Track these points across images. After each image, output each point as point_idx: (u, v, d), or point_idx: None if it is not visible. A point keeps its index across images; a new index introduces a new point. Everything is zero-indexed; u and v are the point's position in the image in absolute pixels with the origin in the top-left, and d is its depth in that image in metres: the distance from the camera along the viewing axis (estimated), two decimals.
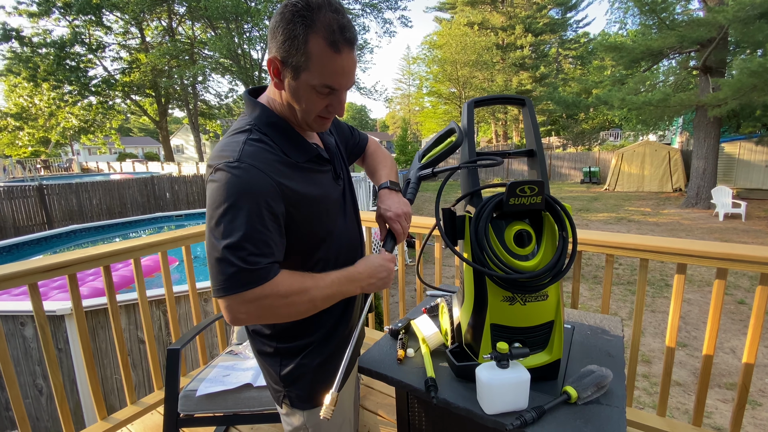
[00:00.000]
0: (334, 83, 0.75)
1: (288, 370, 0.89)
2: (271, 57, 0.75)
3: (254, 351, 0.94)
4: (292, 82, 0.76)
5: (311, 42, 0.70)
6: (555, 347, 0.99)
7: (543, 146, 1.11)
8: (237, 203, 0.70)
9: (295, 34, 0.70)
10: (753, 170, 12.36)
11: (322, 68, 0.72)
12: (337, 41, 0.71)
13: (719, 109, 9.48)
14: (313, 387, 0.91)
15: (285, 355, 0.89)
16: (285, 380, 0.89)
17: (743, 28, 8.84)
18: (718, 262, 1.38)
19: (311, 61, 0.72)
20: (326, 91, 0.76)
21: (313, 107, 0.78)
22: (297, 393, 0.90)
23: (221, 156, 0.74)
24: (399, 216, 0.95)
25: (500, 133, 31.91)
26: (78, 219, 10.29)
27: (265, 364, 0.92)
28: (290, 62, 0.73)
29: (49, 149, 30.21)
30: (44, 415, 2.57)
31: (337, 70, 0.74)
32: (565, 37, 31.93)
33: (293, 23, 0.70)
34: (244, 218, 0.69)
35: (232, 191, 0.70)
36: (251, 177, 0.71)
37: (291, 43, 0.71)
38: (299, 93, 0.77)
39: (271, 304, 0.72)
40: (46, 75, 19.68)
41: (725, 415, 2.90)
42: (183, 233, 1.97)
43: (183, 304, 2.79)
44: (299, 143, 0.83)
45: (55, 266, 1.49)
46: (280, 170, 0.76)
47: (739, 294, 5.15)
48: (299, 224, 0.80)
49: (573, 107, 13.55)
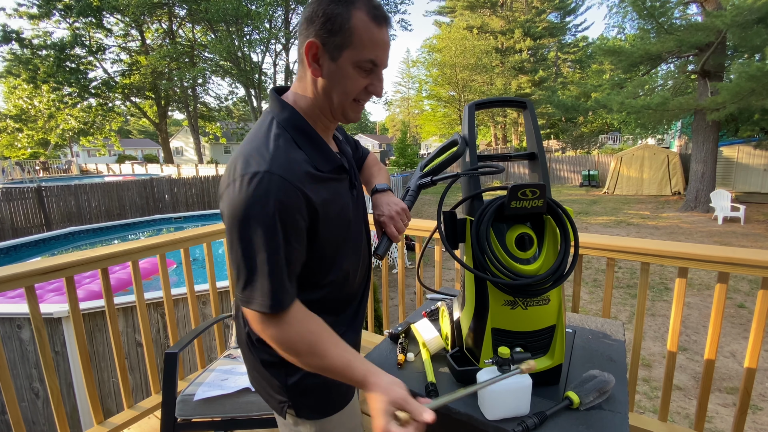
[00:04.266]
0: (378, 57, 0.76)
1: (295, 380, 0.84)
2: (310, 41, 0.74)
3: (252, 361, 0.88)
4: (331, 64, 0.75)
5: (354, 17, 0.72)
6: (557, 352, 0.98)
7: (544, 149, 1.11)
8: (264, 217, 0.67)
9: (337, 12, 0.71)
10: (751, 174, 12.39)
11: (366, 42, 0.73)
12: (378, 15, 0.74)
13: (718, 113, 9.51)
14: (325, 397, 0.88)
15: (291, 364, 0.83)
16: (291, 390, 0.85)
17: (741, 33, 8.88)
18: (720, 266, 1.37)
19: (355, 35, 0.73)
20: (369, 67, 0.76)
21: (353, 87, 0.78)
22: (306, 403, 0.86)
23: (251, 160, 0.71)
24: (392, 218, 0.95)
25: (499, 137, 31.99)
26: (76, 221, 10.26)
27: (267, 374, 0.87)
28: (331, 42, 0.73)
29: (48, 151, 30.21)
30: (40, 419, 2.55)
31: (380, 43, 0.75)
32: (564, 41, 32.08)
33: (334, 3, 0.72)
34: (270, 235, 0.68)
35: (260, 203, 0.67)
36: (280, 190, 0.69)
37: (333, 22, 0.72)
38: (339, 74, 0.76)
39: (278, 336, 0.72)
40: (46, 77, 19.71)
41: (726, 420, 2.88)
42: (182, 235, 1.96)
43: (181, 307, 2.77)
44: (325, 152, 0.82)
45: (53, 268, 1.48)
46: (308, 182, 0.75)
47: (739, 298, 5.14)
48: (320, 235, 0.79)
49: (572, 111, 13.59)
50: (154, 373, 1.91)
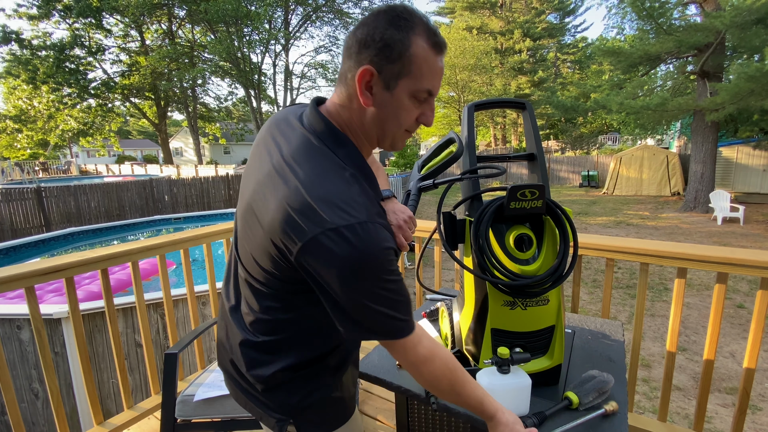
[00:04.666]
0: (434, 86, 0.72)
1: (298, 399, 0.82)
2: (365, 68, 0.68)
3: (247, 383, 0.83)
4: (385, 93, 0.70)
5: (414, 44, 0.67)
6: (556, 352, 0.98)
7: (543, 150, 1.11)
8: (384, 258, 0.66)
9: (397, 38, 0.67)
10: (751, 174, 12.41)
11: (425, 71, 0.69)
12: (438, 43, 0.70)
13: (717, 114, 9.52)
14: (328, 413, 0.86)
15: (294, 381, 0.82)
16: (294, 408, 0.82)
17: (740, 33, 8.90)
18: (719, 266, 1.38)
19: (414, 64, 0.68)
20: (424, 97, 0.72)
21: (406, 119, 0.74)
22: (310, 419, 0.84)
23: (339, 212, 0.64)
24: (400, 228, 0.93)
25: (499, 137, 32.00)
26: (76, 221, 10.25)
27: (267, 395, 0.82)
28: (388, 70, 0.68)
29: (48, 152, 30.20)
30: (40, 420, 2.55)
31: (437, 73, 0.72)
32: (564, 42, 32.12)
33: (393, 28, 0.67)
34: (393, 270, 0.69)
35: (376, 248, 0.65)
36: (382, 237, 0.67)
37: (391, 48, 0.67)
38: (394, 104, 0.71)
39: (417, 355, 0.74)
40: (46, 77, 19.71)
41: (725, 420, 2.89)
42: (181, 236, 1.96)
43: (181, 308, 2.77)
44: (377, 187, 0.80)
45: (53, 269, 1.48)
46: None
47: (738, 298, 5.15)
48: None
49: (571, 111, 13.61)
50: (154, 374, 1.91)
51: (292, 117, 0.79)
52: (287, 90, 23.35)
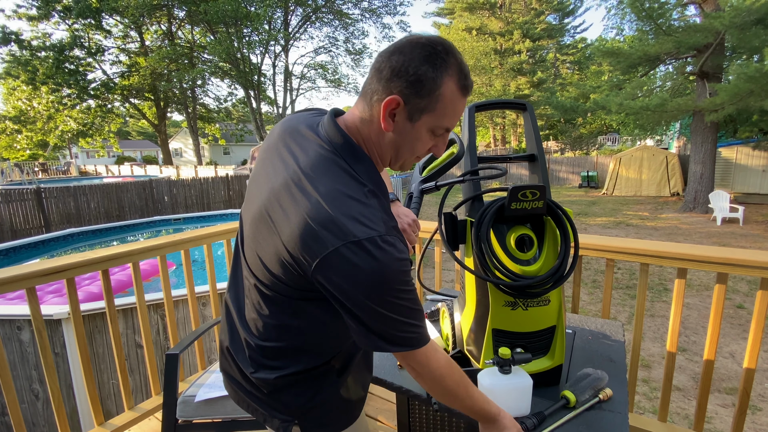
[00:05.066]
0: (453, 124, 0.75)
1: (305, 400, 0.82)
2: (392, 98, 0.69)
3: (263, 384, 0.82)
4: (407, 123, 0.72)
5: (445, 85, 0.69)
6: (557, 352, 0.98)
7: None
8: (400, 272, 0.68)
9: (430, 76, 0.68)
10: (750, 175, 12.42)
11: (448, 111, 0.72)
12: (466, 86, 0.72)
13: (716, 114, 9.53)
14: (334, 414, 0.86)
15: (305, 382, 0.83)
16: (300, 409, 0.83)
17: (740, 34, 8.91)
18: (719, 266, 1.38)
19: (440, 103, 0.70)
20: (441, 132, 0.75)
21: (420, 149, 0.77)
22: (316, 421, 0.85)
23: (357, 226, 0.65)
24: (405, 231, 0.95)
25: (498, 138, 32.02)
26: (76, 222, 10.24)
27: (274, 396, 0.83)
28: (414, 103, 0.70)
29: (48, 152, 30.17)
30: (41, 421, 2.54)
31: (459, 112, 0.74)
32: (563, 43, 32.13)
33: (428, 64, 0.68)
34: (408, 282, 0.70)
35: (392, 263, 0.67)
36: (401, 247, 0.70)
37: (422, 85, 0.68)
38: (412, 135, 0.74)
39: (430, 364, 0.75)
40: (45, 78, 19.70)
41: (725, 420, 2.89)
42: (182, 237, 1.96)
43: (181, 309, 2.77)
44: (389, 197, 0.83)
45: (53, 270, 1.48)
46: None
47: (738, 298, 5.15)
48: None
49: (571, 112, 13.61)
50: (155, 375, 1.91)
51: (307, 126, 0.79)
52: (287, 91, 23.36)
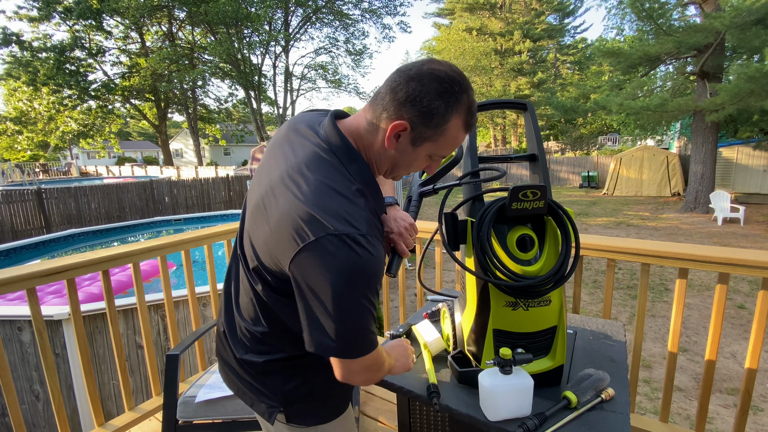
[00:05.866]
0: (449, 153, 0.79)
1: (291, 387, 0.85)
2: (400, 122, 0.72)
3: (241, 368, 0.87)
4: (409, 146, 0.75)
5: (452, 121, 0.72)
6: (558, 353, 0.98)
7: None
8: (369, 276, 0.69)
9: (440, 111, 0.71)
10: (751, 175, 12.41)
11: (449, 143, 0.76)
12: (471, 123, 0.75)
13: (717, 114, 9.53)
14: (318, 405, 0.89)
15: (287, 370, 0.86)
16: (286, 396, 0.86)
17: (740, 34, 8.91)
18: (720, 266, 1.38)
19: (443, 136, 0.74)
20: (437, 158, 0.79)
21: (415, 168, 0.81)
22: (299, 410, 0.87)
23: (340, 220, 0.67)
24: (401, 235, 0.96)
25: (499, 138, 32.02)
26: (76, 223, 10.25)
27: (261, 380, 0.87)
28: (420, 131, 0.73)
29: (48, 153, 30.21)
30: (41, 422, 2.54)
31: (458, 144, 0.77)
32: (563, 43, 32.13)
33: (441, 100, 0.70)
34: (373, 290, 0.71)
35: (364, 265, 0.67)
36: (378, 252, 0.70)
37: (431, 117, 0.71)
38: (411, 156, 0.77)
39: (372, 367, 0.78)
40: (46, 79, 19.72)
41: (727, 421, 2.88)
42: (182, 237, 1.96)
43: (182, 309, 2.77)
44: (382, 201, 0.85)
45: (54, 270, 1.48)
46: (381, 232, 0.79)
47: (739, 298, 5.14)
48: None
49: (571, 112, 13.60)
50: (155, 375, 1.91)
51: (308, 126, 0.82)
52: (287, 91, 23.36)
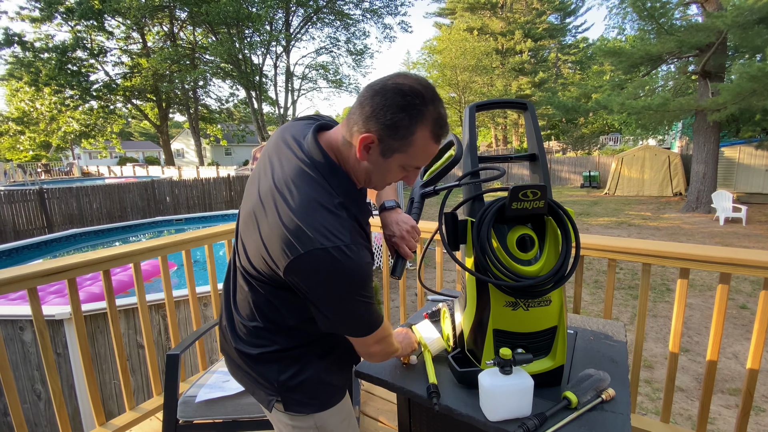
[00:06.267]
0: (422, 164, 0.81)
1: (287, 377, 0.88)
2: (368, 134, 0.74)
3: (242, 357, 0.92)
4: (380, 158, 0.78)
5: (418, 133, 0.74)
6: (558, 353, 0.98)
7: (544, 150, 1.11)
8: (362, 278, 0.75)
9: (404, 123, 0.73)
10: (753, 174, 12.37)
11: (418, 154, 0.77)
12: (439, 135, 0.77)
13: (719, 114, 9.50)
14: (313, 393, 0.91)
15: (283, 360, 0.89)
16: (282, 386, 0.89)
17: (742, 33, 8.88)
18: (722, 266, 1.37)
19: (411, 147, 0.76)
20: (411, 170, 0.81)
21: (391, 179, 0.83)
22: (295, 398, 0.90)
23: (326, 234, 0.72)
24: (404, 238, 0.99)
25: (500, 138, 31.99)
26: (78, 223, 10.27)
27: (258, 369, 0.90)
28: (387, 143, 0.75)
29: (50, 153, 30.27)
30: (42, 421, 2.55)
31: (430, 156, 0.79)
32: (564, 42, 32.10)
33: (405, 112, 0.72)
34: (368, 287, 0.77)
35: (356, 269, 0.74)
36: (363, 255, 0.75)
37: (396, 129, 0.73)
38: (383, 168, 0.80)
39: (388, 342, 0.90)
40: (48, 79, 19.76)
41: (729, 421, 2.87)
42: (183, 237, 1.96)
43: (183, 309, 2.78)
44: (366, 210, 0.87)
45: (55, 270, 1.49)
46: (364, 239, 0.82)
47: (741, 299, 5.13)
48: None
49: (572, 112, 13.57)
50: (156, 375, 1.91)
51: (296, 139, 0.85)
52: (288, 91, 23.37)
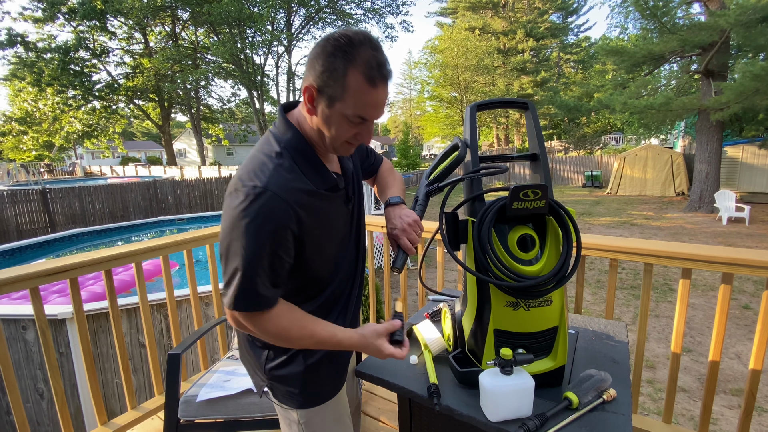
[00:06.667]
0: (366, 114, 0.79)
1: (272, 366, 0.92)
2: (308, 85, 0.78)
3: (243, 339, 0.97)
4: (325, 109, 0.79)
5: (350, 75, 0.74)
6: (559, 353, 0.98)
7: (546, 150, 1.10)
8: (255, 229, 0.75)
9: (335, 67, 0.74)
10: (756, 174, 12.31)
11: (356, 100, 0.77)
12: (374, 77, 0.75)
13: (722, 113, 9.46)
14: (300, 388, 0.93)
15: (272, 348, 0.93)
16: (269, 374, 0.93)
17: (745, 32, 8.84)
18: (724, 266, 1.36)
19: (347, 93, 0.76)
20: (358, 121, 0.80)
21: (342, 134, 0.82)
22: (282, 389, 0.93)
23: (251, 176, 0.78)
24: (405, 231, 0.98)
25: (502, 137, 31.95)
26: (81, 223, 10.32)
27: (252, 353, 0.95)
28: (326, 92, 0.77)
29: (53, 153, 30.40)
30: (45, 420, 2.56)
31: (371, 103, 0.78)
32: (567, 42, 32.02)
33: (334, 56, 0.74)
34: (259, 245, 0.75)
35: (252, 216, 0.74)
36: (274, 206, 0.76)
37: (330, 74, 0.75)
38: (331, 120, 0.80)
39: (268, 330, 0.82)
40: (51, 80, 19.84)
41: (731, 422, 2.86)
42: (185, 237, 1.97)
43: (184, 308, 2.78)
44: (321, 173, 0.87)
45: (57, 270, 1.49)
46: (302, 199, 0.81)
47: (744, 299, 5.11)
48: (309, 250, 0.85)
49: (574, 111, 13.55)
50: (158, 374, 1.92)
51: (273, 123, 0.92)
52: (290, 91, 23.39)
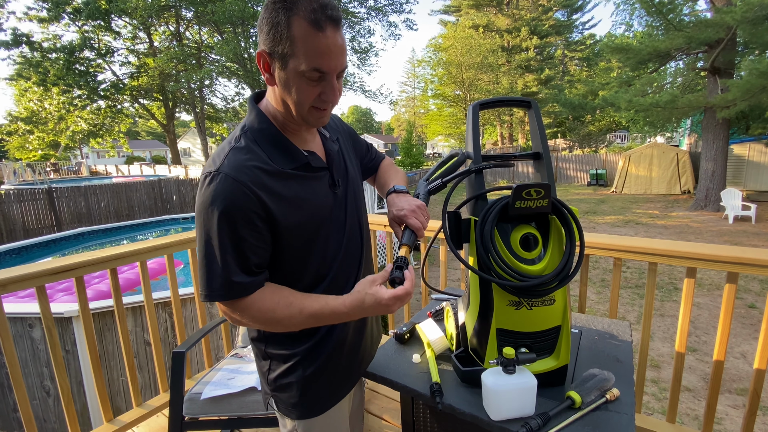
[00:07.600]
0: (323, 65, 0.72)
1: (275, 376, 0.91)
2: (259, 51, 0.75)
3: (256, 351, 0.98)
4: (281, 73, 0.74)
5: (294, 25, 0.69)
6: (562, 352, 0.97)
7: (549, 148, 1.10)
8: (211, 214, 0.73)
9: (278, 20, 0.70)
10: (763, 172, 12.19)
11: (307, 50, 0.71)
12: (319, 19, 0.69)
13: (728, 111, 9.38)
14: (301, 397, 0.91)
15: (273, 359, 0.92)
16: (271, 385, 0.92)
17: (752, 29, 8.74)
18: (729, 266, 1.36)
19: (296, 45, 0.70)
20: (316, 76, 0.74)
21: (305, 97, 0.76)
22: (283, 399, 0.92)
23: (209, 163, 0.78)
24: (414, 212, 0.92)
25: (506, 136, 31.83)
26: (86, 221, 10.39)
27: (258, 366, 0.96)
28: (277, 52, 0.72)
29: (59, 152, 30.61)
30: (51, 417, 2.59)
31: (323, 50, 0.71)
32: (571, 39, 31.83)
33: (275, 11, 0.70)
34: (220, 230, 0.73)
35: (209, 201, 0.73)
36: (226, 188, 0.73)
37: (275, 31, 0.71)
38: (290, 83, 0.75)
39: (254, 315, 0.78)
40: (56, 79, 19.95)
41: (736, 421, 2.85)
42: (189, 236, 1.98)
43: (189, 307, 2.80)
44: (287, 150, 0.82)
45: (63, 269, 1.51)
46: (260, 178, 0.76)
47: (750, 298, 5.07)
48: (284, 233, 0.80)
49: (579, 109, 13.48)
50: (162, 372, 1.93)
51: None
52: None
